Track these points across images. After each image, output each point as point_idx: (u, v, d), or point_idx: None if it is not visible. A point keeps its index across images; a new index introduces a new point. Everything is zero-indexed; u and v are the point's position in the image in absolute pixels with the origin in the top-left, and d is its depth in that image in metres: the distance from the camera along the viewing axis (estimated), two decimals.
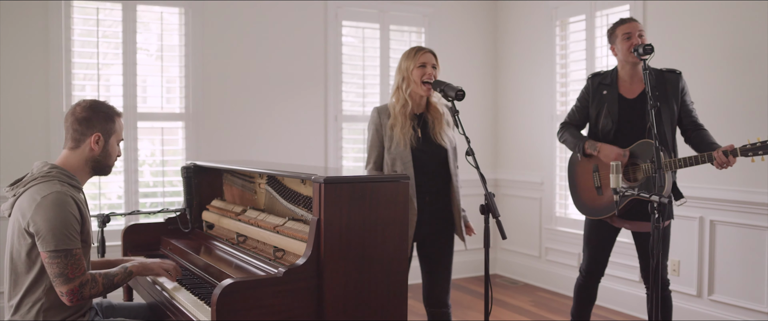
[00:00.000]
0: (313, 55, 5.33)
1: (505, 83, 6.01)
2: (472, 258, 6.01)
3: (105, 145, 2.51)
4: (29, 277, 2.34)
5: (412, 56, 3.18)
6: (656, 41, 4.56)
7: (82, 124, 2.48)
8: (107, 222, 3.29)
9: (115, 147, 2.57)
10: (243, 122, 5.11)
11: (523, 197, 5.79)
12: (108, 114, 2.54)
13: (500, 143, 6.09)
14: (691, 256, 4.40)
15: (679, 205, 3.51)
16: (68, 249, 2.27)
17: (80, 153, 2.48)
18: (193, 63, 4.90)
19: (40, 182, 2.35)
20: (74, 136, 2.48)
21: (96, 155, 2.50)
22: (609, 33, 3.55)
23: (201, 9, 4.91)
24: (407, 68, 3.18)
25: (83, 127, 2.48)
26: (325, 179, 2.27)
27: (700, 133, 3.44)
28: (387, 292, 2.40)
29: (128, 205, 4.76)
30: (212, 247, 3.11)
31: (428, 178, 3.20)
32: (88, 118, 2.49)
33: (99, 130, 2.49)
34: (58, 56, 4.51)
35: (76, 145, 2.49)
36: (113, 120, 2.54)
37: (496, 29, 6.08)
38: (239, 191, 3.37)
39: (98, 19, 4.68)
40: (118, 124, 2.56)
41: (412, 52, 3.20)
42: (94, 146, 2.48)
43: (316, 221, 2.28)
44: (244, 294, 2.15)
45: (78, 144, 2.48)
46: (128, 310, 2.82)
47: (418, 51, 3.19)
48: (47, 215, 2.26)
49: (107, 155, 2.53)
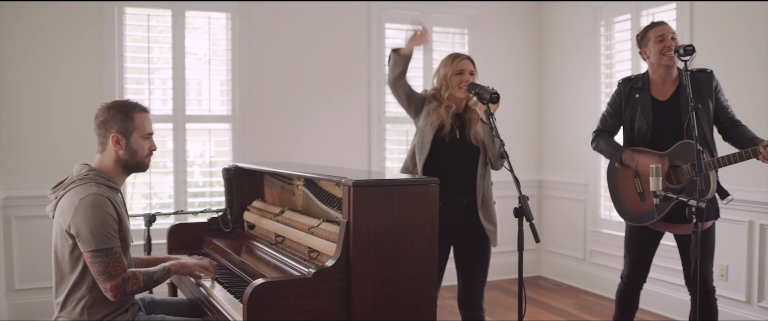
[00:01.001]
0: (356, 57, 5.40)
1: (550, 84, 5.96)
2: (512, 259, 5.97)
3: (127, 143, 2.53)
4: (73, 276, 2.45)
5: (449, 63, 3.27)
6: (703, 41, 4.47)
7: (101, 127, 2.55)
8: (153, 221, 3.41)
9: (141, 143, 2.56)
10: (287, 124, 5.21)
11: (568, 199, 5.73)
12: (125, 112, 2.54)
13: (545, 144, 6.04)
14: (739, 261, 4.28)
15: (726, 203, 3.42)
16: (108, 248, 2.37)
17: (108, 155, 2.55)
18: (240, 66, 5.03)
19: (78, 185, 2.45)
20: (99, 140, 2.56)
21: (121, 156, 2.54)
22: (639, 37, 3.50)
23: (247, 14, 5.04)
24: (445, 75, 3.26)
25: (103, 129, 2.54)
26: (355, 182, 2.32)
27: (740, 130, 3.36)
28: (416, 293, 2.44)
29: (177, 204, 4.92)
30: (252, 247, 3.19)
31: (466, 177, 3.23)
32: (105, 120, 2.54)
33: (117, 131, 2.52)
34: (111, 61, 4.70)
35: (103, 148, 2.56)
36: (131, 117, 2.54)
37: (541, 30, 6.03)
38: (278, 193, 3.45)
39: (149, 25, 4.85)
40: (138, 120, 2.55)
41: (450, 58, 3.28)
42: (116, 147, 2.53)
43: (346, 223, 2.33)
44: (275, 293, 2.22)
45: (104, 147, 2.56)
46: (170, 305, 2.93)
47: (455, 57, 3.27)
48: (86, 217, 2.35)
49: (133, 153, 2.55)
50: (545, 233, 6.04)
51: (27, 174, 4.53)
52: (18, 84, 4.53)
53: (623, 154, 3.49)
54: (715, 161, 3.17)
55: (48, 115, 4.61)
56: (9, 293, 4.52)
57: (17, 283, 4.53)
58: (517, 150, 6.00)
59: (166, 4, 4.84)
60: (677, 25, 4.64)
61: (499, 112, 5.70)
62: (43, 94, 4.58)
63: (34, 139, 4.58)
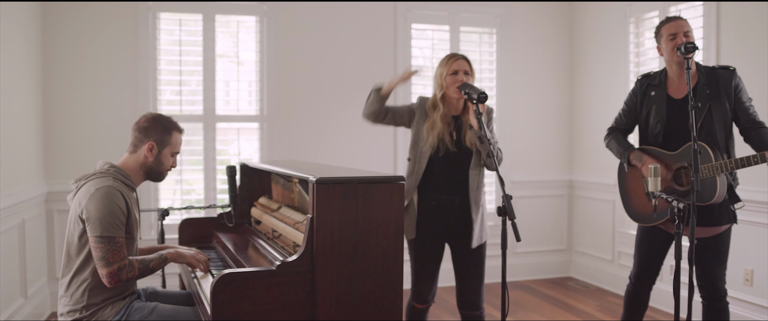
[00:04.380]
0: (382, 57, 5.48)
1: (580, 84, 5.87)
2: (541, 259, 5.95)
3: (158, 154, 2.81)
4: (79, 259, 2.66)
5: (445, 63, 3.31)
6: (729, 40, 4.34)
7: (141, 132, 2.82)
8: (166, 215, 3.61)
9: (169, 158, 2.85)
10: (314, 123, 5.36)
11: (597, 199, 5.65)
12: (166, 127, 2.84)
13: (575, 145, 5.96)
14: (764, 265, 4.14)
15: (738, 209, 3.33)
16: (111, 236, 2.57)
17: (136, 157, 2.81)
18: (268, 67, 5.21)
19: (98, 177, 2.69)
20: (134, 142, 2.83)
21: (149, 162, 2.81)
22: (655, 32, 3.44)
23: (275, 17, 5.21)
24: (441, 74, 3.31)
25: (142, 134, 2.81)
26: (318, 180, 2.42)
27: (761, 132, 3.23)
28: (381, 287, 2.52)
29: (207, 199, 5.14)
30: (252, 241, 3.34)
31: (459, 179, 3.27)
32: (148, 127, 2.82)
33: (154, 140, 2.79)
34: (146, 63, 4.97)
35: (134, 150, 2.82)
36: (170, 133, 2.83)
37: (572, 29, 5.95)
38: (281, 190, 3.58)
39: (180, 29, 5.09)
40: (174, 138, 2.85)
41: (446, 59, 3.33)
42: (148, 153, 2.79)
43: (310, 219, 2.43)
44: (240, 284, 2.34)
45: (136, 149, 2.82)
46: (169, 296, 3.10)
47: (451, 58, 3.32)
48: (98, 204, 2.58)
49: (159, 163, 2.83)
50: (575, 234, 5.97)
51: (68, 170, 4.84)
52: (62, 85, 4.84)
53: (631, 154, 3.45)
54: (722, 165, 3.08)
55: (88, 114, 4.91)
56: (51, 281, 4.84)
57: (58, 272, 4.85)
58: (548, 150, 5.95)
59: (198, 8, 5.06)
60: (703, 22, 4.51)
61: (529, 113, 5.76)
62: (84, 95, 4.89)
63: (75, 138, 4.89)
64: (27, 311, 4.31)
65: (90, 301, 2.66)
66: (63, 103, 4.87)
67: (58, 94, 4.84)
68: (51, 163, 4.86)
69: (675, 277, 2.86)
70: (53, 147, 4.86)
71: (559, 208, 5.99)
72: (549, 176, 5.96)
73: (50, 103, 4.82)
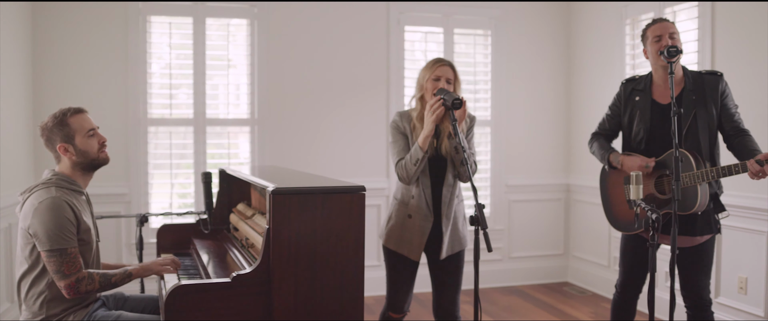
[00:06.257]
0: (375, 60, 5.43)
1: (577, 87, 5.78)
2: (537, 264, 5.87)
3: (74, 147, 2.69)
4: (33, 273, 2.62)
5: (429, 68, 3.25)
6: (724, 41, 4.24)
7: (47, 144, 2.72)
8: (145, 222, 3.58)
9: (87, 141, 2.70)
10: (306, 127, 5.32)
11: (595, 204, 5.54)
12: (60, 121, 2.67)
13: (572, 148, 5.87)
14: (759, 273, 4.03)
15: (722, 218, 3.24)
16: (62, 248, 2.53)
17: (64, 164, 2.73)
18: (259, 71, 5.18)
19: (41, 188, 2.63)
20: (53, 155, 2.75)
21: (75, 160, 2.70)
22: (641, 35, 3.35)
23: (266, 20, 5.18)
24: (423, 78, 3.24)
25: (50, 145, 2.72)
26: (274, 190, 2.37)
27: (743, 140, 3.15)
28: (341, 300, 2.46)
29: (198, 204, 5.12)
30: (226, 249, 3.30)
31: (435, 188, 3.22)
32: (48, 137, 2.71)
33: (60, 141, 2.67)
34: (136, 66, 4.96)
35: (59, 160, 2.74)
36: (67, 123, 2.67)
37: (568, 31, 5.86)
38: (259, 196, 3.55)
39: (170, 32, 5.07)
40: (74, 123, 2.68)
41: (431, 63, 3.26)
42: (67, 154, 2.69)
43: (267, 230, 2.39)
44: (193, 296, 2.31)
45: (58, 159, 2.74)
46: (138, 301, 3.06)
47: (436, 63, 3.25)
48: (43, 219, 2.52)
49: (83, 153, 2.70)
50: (572, 238, 5.88)
51: None
52: (52, 87, 4.85)
53: (610, 155, 3.38)
54: (703, 173, 3.00)
55: None
56: None
57: None
58: (545, 153, 5.86)
59: (189, 11, 5.04)
60: (698, 24, 4.41)
61: (525, 116, 5.67)
62: (74, 97, 4.86)
63: None
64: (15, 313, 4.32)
65: (49, 313, 2.63)
66: (53, 105, 4.85)
67: (48, 97, 4.84)
68: (41, 167, 4.85)
69: (650, 290, 2.79)
70: (43, 149, 4.85)
71: (555, 213, 5.90)
72: (545, 180, 5.87)
73: (40, 105, 4.82)
